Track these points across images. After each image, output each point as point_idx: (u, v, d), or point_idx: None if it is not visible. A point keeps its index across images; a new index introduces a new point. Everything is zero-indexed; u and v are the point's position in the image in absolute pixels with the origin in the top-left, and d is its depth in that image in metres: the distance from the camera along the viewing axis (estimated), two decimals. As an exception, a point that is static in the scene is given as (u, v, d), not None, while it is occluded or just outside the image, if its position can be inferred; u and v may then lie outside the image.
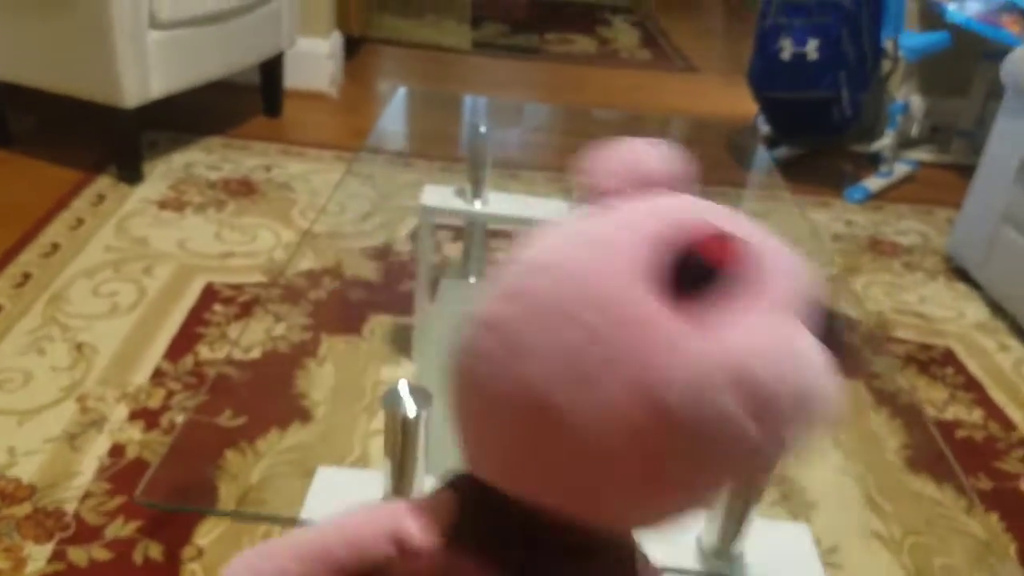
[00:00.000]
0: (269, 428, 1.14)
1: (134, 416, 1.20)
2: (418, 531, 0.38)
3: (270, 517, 0.95)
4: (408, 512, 0.39)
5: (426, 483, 0.61)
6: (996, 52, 2.30)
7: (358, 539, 0.38)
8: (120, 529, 1.01)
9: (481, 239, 1.41)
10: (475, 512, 0.38)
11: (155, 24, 1.76)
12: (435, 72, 3.02)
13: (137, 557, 0.98)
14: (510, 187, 2.02)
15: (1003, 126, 1.81)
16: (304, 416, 1.19)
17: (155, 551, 0.99)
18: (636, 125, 2.51)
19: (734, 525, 0.59)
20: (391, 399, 0.57)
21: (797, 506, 1.15)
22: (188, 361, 1.32)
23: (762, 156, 2.01)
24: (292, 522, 0.59)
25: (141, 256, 1.59)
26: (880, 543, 1.10)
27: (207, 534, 1.01)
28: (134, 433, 1.16)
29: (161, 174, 1.92)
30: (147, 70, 1.77)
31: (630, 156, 0.38)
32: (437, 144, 2.11)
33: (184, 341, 1.36)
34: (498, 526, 0.37)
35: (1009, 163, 1.76)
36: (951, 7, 2.41)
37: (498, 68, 3.15)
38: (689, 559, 0.61)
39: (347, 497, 0.61)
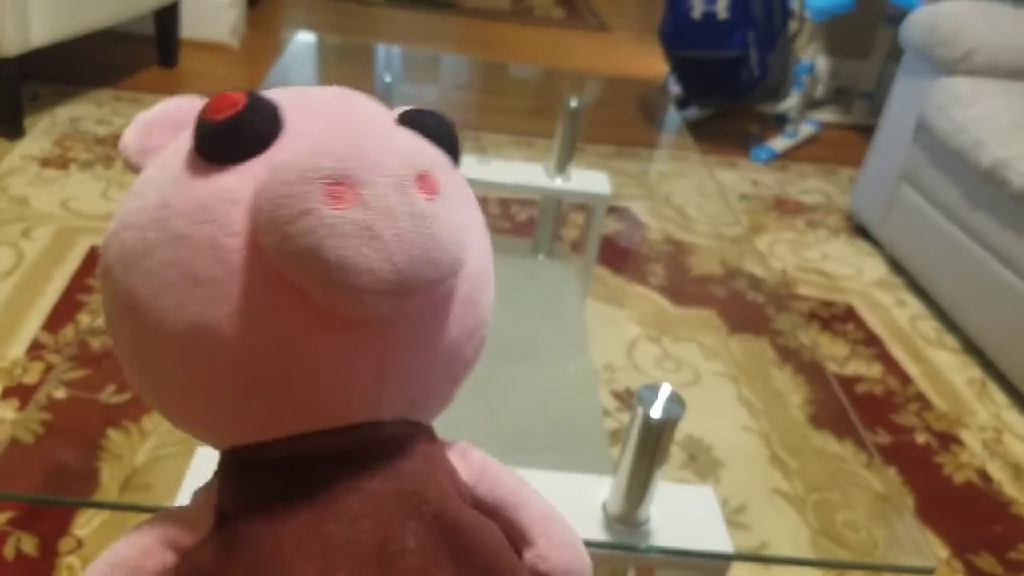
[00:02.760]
0: (158, 403, 1.08)
1: (8, 393, 1.12)
2: (185, 528, 0.37)
3: (142, 507, 0.88)
4: (167, 517, 0.38)
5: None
6: (896, 15, 2.36)
7: (134, 567, 0.37)
8: (-10, 519, 0.94)
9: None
10: (235, 482, 0.37)
11: (31, -35, 1.63)
12: (345, 23, 2.91)
13: (8, 552, 0.91)
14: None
15: (901, 87, 1.86)
16: (199, 388, 1.13)
17: (29, 544, 0.92)
18: (550, 83, 2.49)
19: (639, 490, 0.59)
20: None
21: (704, 466, 1.17)
22: (69, 332, 1.24)
23: (672, 116, 2.02)
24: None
25: (19, 217, 1.48)
26: (785, 501, 1.13)
27: (87, 524, 0.94)
28: (7, 412, 1.09)
29: (44, 129, 1.79)
30: (27, 15, 1.64)
31: (173, 111, 0.39)
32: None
33: (65, 310, 1.28)
34: (255, 476, 0.37)
35: (907, 123, 1.81)
36: (855, -31, 2.45)
37: (410, 21, 3.07)
38: (595, 529, 0.60)
39: None
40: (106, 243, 0.37)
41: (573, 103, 1.08)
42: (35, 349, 1.19)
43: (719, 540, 0.61)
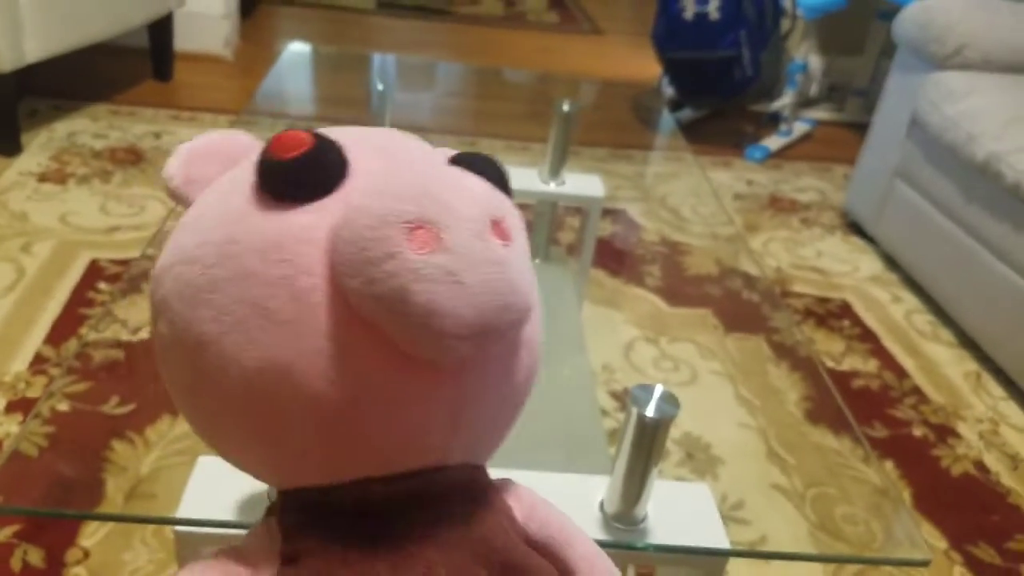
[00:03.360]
0: (160, 415, 1.08)
1: (12, 408, 1.12)
2: (248, 569, 0.36)
3: (148, 519, 0.88)
4: (230, 555, 0.36)
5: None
6: (889, 11, 2.37)
7: None
8: (-4, 532, 0.94)
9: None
10: (302, 524, 0.36)
11: (25, -18, 1.64)
12: (338, 32, 2.93)
13: (15, 564, 0.91)
14: (416, 151, 1.99)
15: (895, 84, 1.87)
16: (201, 398, 1.13)
17: (35, 556, 0.92)
18: (544, 87, 2.50)
19: (635, 489, 0.60)
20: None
21: (703, 464, 1.18)
22: (71, 345, 1.25)
23: (666, 118, 2.03)
24: (174, 521, 0.56)
25: (19, 233, 1.49)
26: (784, 496, 1.14)
27: (92, 535, 0.95)
28: (11, 426, 1.09)
29: (41, 144, 1.80)
30: (21, 31, 1.65)
31: (218, 142, 0.39)
32: (343, 107, 2.05)
33: (67, 323, 1.29)
34: (323, 519, 0.35)
35: (900, 119, 1.82)
36: (845, -33, 2.47)
37: (404, 29, 3.08)
38: (593, 528, 0.61)
39: (231, 489, 0.58)
40: (158, 277, 0.36)
41: (566, 107, 1.09)
42: (38, 363, 1.20)
43: (715, 536, 0.61)
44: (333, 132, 0.37)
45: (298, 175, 0.33)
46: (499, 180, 0.36)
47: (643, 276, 1.64)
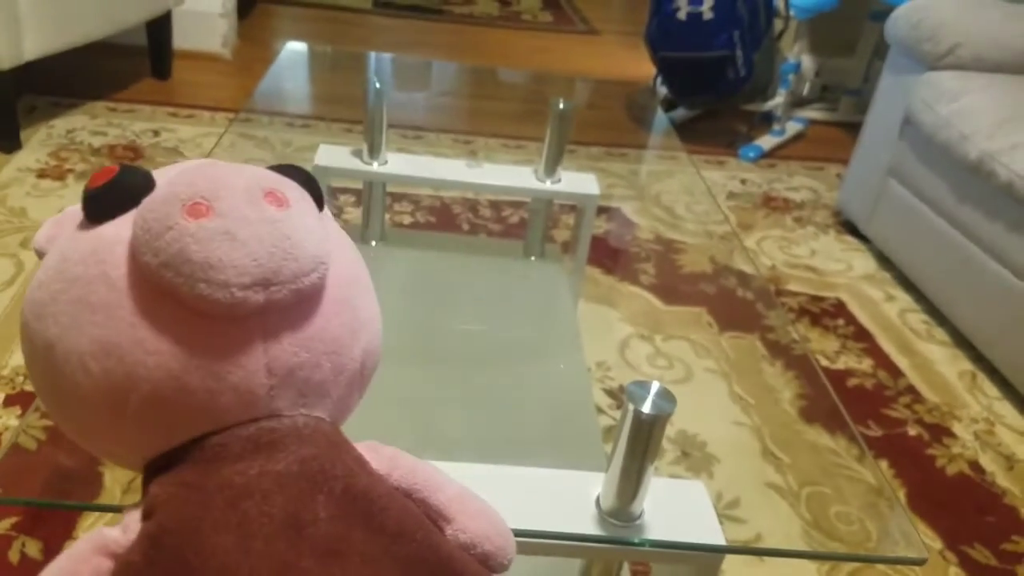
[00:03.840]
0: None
1: (10, 401, 1.13)
2: (117, 534, 0.40)
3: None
4: (103, 528, 0.41)
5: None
6: (881, 12, 2.38)
7: (70, 574, 0.39)
8: (-6, 525, 0.95)
9: (381, 201, 1.38)
10: (155, 484, 0.40)
11: (22, -21, 1.64)
12: (335, 32, 2.93)
13: (13, 556, 0.92)
14: (414, 149, 1.99)
15: (887, 84, 1.88)
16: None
17: (33, 548, 0.93)
18: (539, 87, 2.50)
19: (631, 486, 0.60)
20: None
21: (698, 462, 1.18)
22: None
23: (660, 118, 2.04)
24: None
25: (18, 228, 1.50)
26: (779, 494, 1.14)
27: (91, 527, 0.96)
28: (10, 419, 1.10)
29: (40, 141, 1.81)
30: (19, 29, 1.65)
31: (74, 211, 0.45)
32: (340, 106, 2.05)
33: (68, 319, 1.29)
34: (169, 477, 0.40)
35: (893, 119, 1.83)
36: (840, -32, 2.48)
37: (400, 28, 3.08)
38: (589, 524, 0.61)
39: None
40: (21, 309, 0.43)
41: (561, 106, 1.10)
42: (34, 360, 1.21)
43: (711, 533, 0.62)
44: (173, 168, 0.44)
45: (106, 197, 0.40)
46: (307, 183, 0.43)
47: (638, 274, 1.65)
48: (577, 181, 1.16)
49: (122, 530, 0.40)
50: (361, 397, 0.48)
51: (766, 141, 2.40)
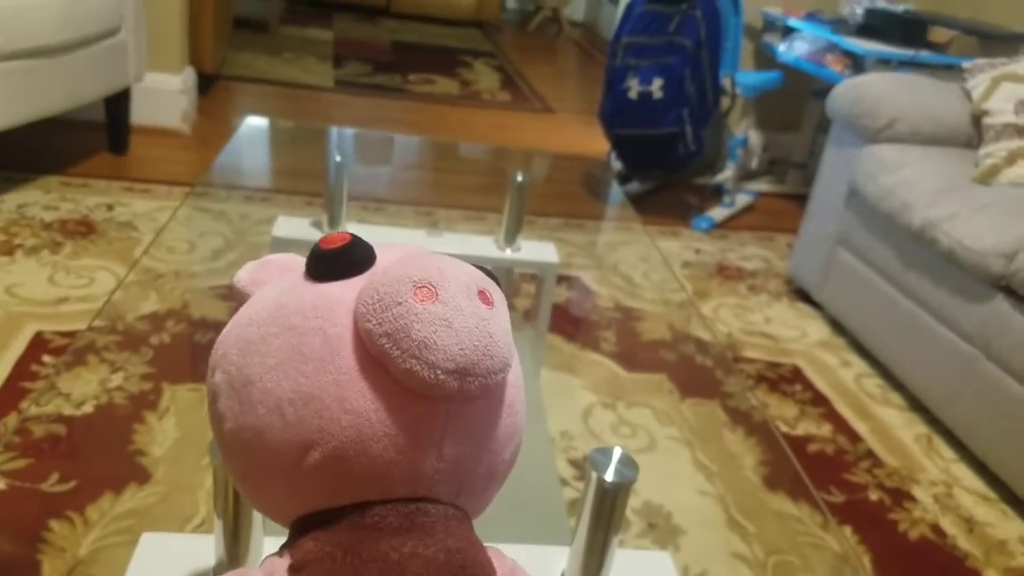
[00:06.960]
0: (101, 492, 1.04)
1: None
2: None
3: None
4: (246, 571, 0.41)
5: (264, 547, 0.57)
6: (822, 89, 2.49)
7: None
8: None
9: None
10: (306, 541, 0.41)
11: (-21, 56, 1.64)
12: (297, 109, 2.96)
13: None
14: (374, 220, 2.00)
15: (831, 157, 1.96)
16: (142, 476, 1.08)
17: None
18: (498, 161, 2.55)
19: (597, 559, 0.59)
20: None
21: (664, 533, 1.17)
22: (11, 421, 1.21)
23: (615, 191, 2.09)
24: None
25: (-35, 305, 1.46)
26: (745, 565, 1.13)
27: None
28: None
29: (-11, 216, 1.78)
30: (-29, 105, 1.64)
31: (278, 258, 0.49)
32: (300, 179, 2.06)
33: (8, 397, 1.25)
34: (325, 535, 0.41)
35: (838, 190, 1.90)
36: (781, 48, 2.60)
37: (362, 105, 3.13)
38: (555, 592, 0.60)
39: (175, 570, 0.57)
40: (221, 339, 0.45)
41: (520, 177, 1.12)
42: (-23, 439, 1.16)
43: (679, 599, 0.61)
44: (393, 248, 0.47)
45: (336, 260, 0.43)
46: (490, 275, 0.46)
47: (599, 341, 1.66)
48: (537, 250, 1.18)
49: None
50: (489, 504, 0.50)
51: (717, 212, 2.47)
